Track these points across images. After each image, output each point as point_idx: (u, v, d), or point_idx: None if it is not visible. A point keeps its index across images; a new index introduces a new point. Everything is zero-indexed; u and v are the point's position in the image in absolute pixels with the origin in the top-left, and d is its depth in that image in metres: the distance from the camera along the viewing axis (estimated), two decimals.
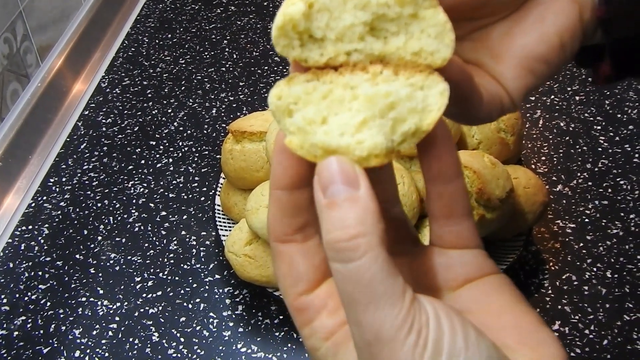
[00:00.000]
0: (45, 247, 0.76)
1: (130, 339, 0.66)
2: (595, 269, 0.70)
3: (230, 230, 0.71)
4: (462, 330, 0.26)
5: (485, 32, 0.35)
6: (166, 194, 0.82)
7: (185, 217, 0.79)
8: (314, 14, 0.27)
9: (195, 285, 0.71)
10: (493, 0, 0.33)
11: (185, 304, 0.69)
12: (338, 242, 0.26)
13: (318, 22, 0.28)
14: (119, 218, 0.79)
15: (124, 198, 0.81)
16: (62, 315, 0.68)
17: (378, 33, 0.28)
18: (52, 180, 0.84)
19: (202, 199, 0.81)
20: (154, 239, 0.76)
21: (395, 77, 0.28)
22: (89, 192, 0.82)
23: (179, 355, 0.64)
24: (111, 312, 0.68)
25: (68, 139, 0.90)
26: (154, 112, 0.94)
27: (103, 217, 0.79)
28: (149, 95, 0.97)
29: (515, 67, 0.34)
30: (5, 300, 0.70)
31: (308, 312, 0.29)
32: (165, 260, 0.74)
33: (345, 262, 0.25)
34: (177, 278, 0.72)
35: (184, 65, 1.02)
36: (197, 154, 0.87)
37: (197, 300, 0.69)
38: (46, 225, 0.78)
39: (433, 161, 0.31)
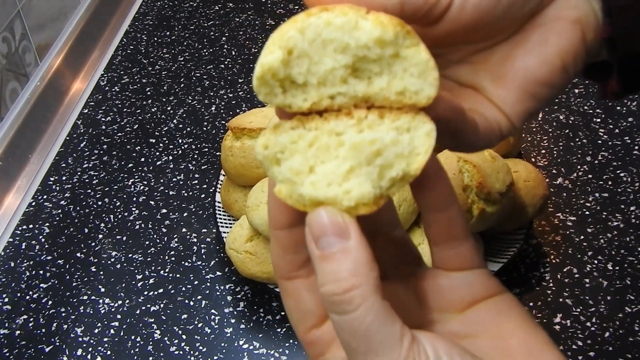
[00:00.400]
0: (46, 246, 0.76)
1: (132, 337, 0.66)
2: (596, 262, 0.70)
3: (230, 227, 0.71)
4: None
5: (485, 55, 0.34)
6: (166, 191, 0.82)
7: (185, 214, 0.79)
8: (293, 60, 0.27)
9: (196, 282, 0.71)
10: (490, 23, 0.32)
11: (186, 301, 0.69)
12: (332, 295, 0.26)
13: (299, 67, 0.27)
14: (120, 216, 0.79)
15: (124, 196, 0.81)
16: (63, 314, 0.68)
17: (361, 74, 0.27)
18: (52, 179, 0.84)
19: (203, 196, 0.81)
20: (155, 236, 0.76)
21: (380, 121, 0.27)
22: (89, 191, 0.82)
23: (181, 352, 0.64)
24: (113, 310, 0.68)
25: (68, 138, 0.90)
26: (153, 109, 0.94)
27: (103, 215, 0.79)
28: (148, 93, 0.97)
29: (516, 91, 0.32)
30: (6, 300, 0.70)
31: (319, 345, 0.30)
32: (166, 257, 0.74)
33: (341, 314, 0.26)
34: (178, 275, 0.72)
35: (182, 63, 1.02)
36: (196, 151, 0.87)
37: (199, 297, 0.69)
38: (47, 224, 0.78)
39: (426, 193, 0.31)
